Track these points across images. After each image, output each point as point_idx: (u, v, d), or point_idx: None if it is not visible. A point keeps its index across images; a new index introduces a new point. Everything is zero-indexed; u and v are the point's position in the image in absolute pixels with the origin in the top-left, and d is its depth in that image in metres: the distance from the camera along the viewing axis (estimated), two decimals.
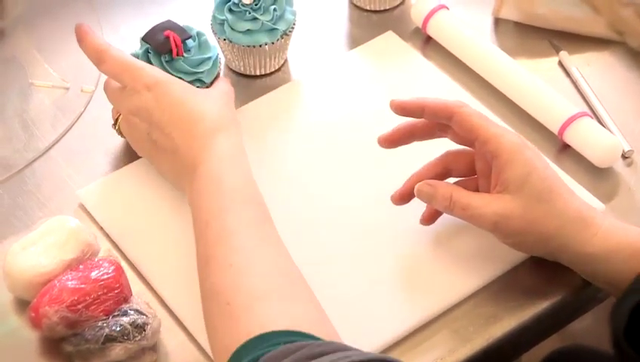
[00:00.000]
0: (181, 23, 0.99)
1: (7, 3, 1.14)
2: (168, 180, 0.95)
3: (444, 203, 0.88)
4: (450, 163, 0.92)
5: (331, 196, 0.97)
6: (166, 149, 0.91)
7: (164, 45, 0.97)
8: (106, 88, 0.97)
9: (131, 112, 0.93)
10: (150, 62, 0.98)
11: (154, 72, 0.93)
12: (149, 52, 0.99)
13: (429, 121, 0.91)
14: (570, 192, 0.87)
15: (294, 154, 1.01)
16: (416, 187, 0.89)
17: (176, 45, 0.97)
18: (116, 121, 0.98)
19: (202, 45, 1.00)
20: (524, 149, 0.86)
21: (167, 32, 0.98)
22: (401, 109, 0.91)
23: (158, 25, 0.99)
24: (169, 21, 0.99)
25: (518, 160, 0.85)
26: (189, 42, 0.99)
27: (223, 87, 0.97)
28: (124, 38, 1.12)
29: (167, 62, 0.98)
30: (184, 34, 0.98)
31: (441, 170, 0.92)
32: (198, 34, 1.00)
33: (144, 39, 0.98)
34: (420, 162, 0.93)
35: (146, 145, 0.94)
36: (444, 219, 0.93)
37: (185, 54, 0.98)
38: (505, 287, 0.91)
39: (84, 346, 0.84)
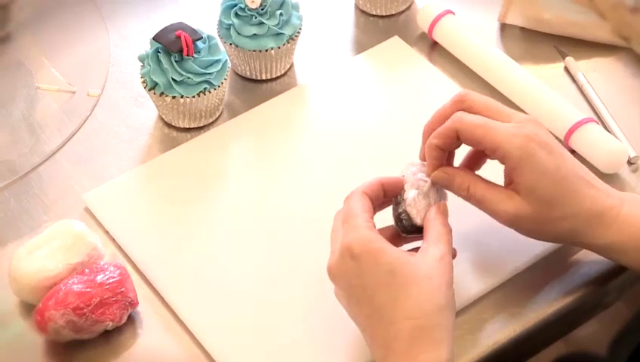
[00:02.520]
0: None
1: (13, 8, 1.14)
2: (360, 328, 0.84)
3: (462, 193, 0.87)
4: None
5: (337, 199, 0.97)
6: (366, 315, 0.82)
7: (175, 44, 0.98)
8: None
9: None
10: (160, 62, 0.99)
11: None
12: (158, 52, 0.99)
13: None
14: (584, 185, 0.85)
15: (300, 158, 1.01)
16: (432, 175, 0.87)
17: (187, 45, 0.98)
18: None
19: (212, 48, 1.01)
20: (533, 152, 0.84)
21: (178, 32, 0.98)
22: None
23: (169, 25, 1.00)
24: (180, 23, 1.00)
25: (526, 166, 0.84)
26: (200, 44, 1.00)
27: (437, 253, 0.82)
28: (130, 43, 1.12)
29: (176, 61, 0.99)
30: (195, 34, 0.99)
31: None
32: (209, 37, 1.01)
33: (155, 39, 0.99)
34: None
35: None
36: None
37: (195, 55, 0.99)
38: (509, 293, 0.91)
39: None
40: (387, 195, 0.87)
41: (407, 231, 0.86)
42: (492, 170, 0.88)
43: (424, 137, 0.89)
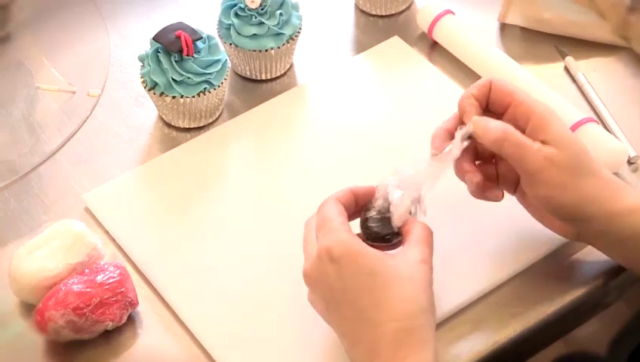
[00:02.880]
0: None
1: (14, 8, 1.14)
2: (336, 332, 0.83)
3: (497, 133, 0.85)
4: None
5: None
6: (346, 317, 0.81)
7: (175, 44, 0.98)
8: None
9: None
10: (160, 62, 0.99)
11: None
12: (158, 52, 0.99)
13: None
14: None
15: (300, 158, 1.01)
16: (473, 119, 0.86)
17: (186, 45, 0.98)
18: None
19: (212, 48, 1.01)
20: (556, 113, 0.86)
21: (178, 32, 0.98)
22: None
23: (169, 25, 1.00)
24: (180, 23, 1.00)
25: (556, 120, 0.85)
26: (200, 44, 1.00)
27: (417, 255, 0.82)
28: (130, 43, 1.12)
29: (176, 61, 0.99)
30: (195, 34, 0.99)
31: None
32: (209, 37, 1.01)
33: (155, 39, 0.99)
34: None
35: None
36: (448, 224, 0.93)
37: (195, 55, 0.99)
38: (509, 293, 0.91)
39: None
40: (359, 204, 0.86)
41: (372, 237, 0.85)
42: None
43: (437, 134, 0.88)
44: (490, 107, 0.88)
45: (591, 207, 0.85)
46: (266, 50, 1.05)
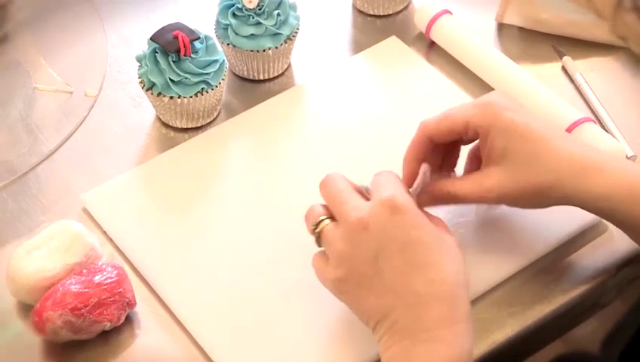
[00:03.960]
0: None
1: (11, 8, 1.14)
2: (366, 317, 0.82)
3: (444, 196, 0.87)
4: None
5: None
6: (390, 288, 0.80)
7: (173, 44, 0.98)
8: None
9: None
10: (157, 62, 0.99)
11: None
12: (156, 52, 0.99)
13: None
14: (559, 138, 0.85)
15: (298, 158, 1.01)
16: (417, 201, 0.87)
17: (184, 45, 0.98)
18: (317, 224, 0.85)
19: (210, 48, 1.01)
20: (499, 114, 0.85)
21: (175, 32, 0.98)
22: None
23: (167, 25, 1.00)
24: (178, 23, 1.00)
25: (494, 130, 0.84)
26: (197, 44, 1.00)
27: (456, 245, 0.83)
28: (128, 43, 1.12)
29: (174, 62, 0.99)
30: (193, 35, 0.99)
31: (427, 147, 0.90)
32: (206, 37, 1.01)
33: (152, 39, 0.99)
34: None
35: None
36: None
37: (192, 55, 0.99)
38: (507, 293, 0.91)
39: None
40: None
41: None
42: None
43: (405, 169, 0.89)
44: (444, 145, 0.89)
45: (561, 198, 0.84)
46: (264, 51, 1.05)
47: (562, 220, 0.93)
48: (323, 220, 0.83)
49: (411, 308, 0.78)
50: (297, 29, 1.06)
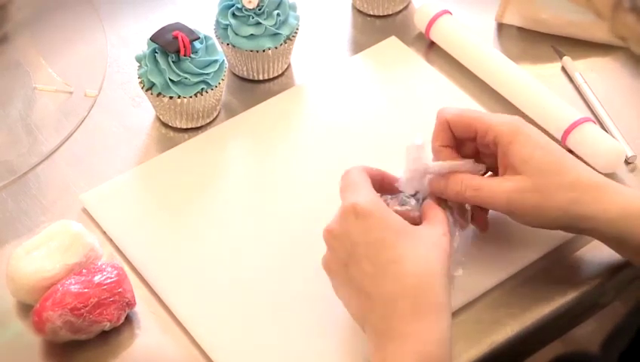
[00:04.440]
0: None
1: (11, 8, 1.14)
2: (354, 319, 0.83)
3: (456, 187, 0.86)
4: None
5: (334, 199, 0.97)
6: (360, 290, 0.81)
7: (172, 44, 0.98)
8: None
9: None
10: (157, 62, 0.99)
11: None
12: (156, 52, 0.99)
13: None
14: (579, 164, 0.87)
15: (298, 158, 1.01)
16: (429, 181, 0.87)
17: (184, 45, 0.98)
18: None
19: (209, 48, 1.01)
20: (523, 128, 0.86)
21: (175, 33, 0.98)
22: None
23: (166, 26, 1.00)
24: (178, 23, 1.00)
25: (519, 140, 0.85)
26: (197, 44, 1.00)
27: (440, 229, 0.83)
28: (127, 43, 1.12)
29: (174, 62, 0.99)
30: (192, 35, 0.99)
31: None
32: (206, 37, 1.01)
33: (152, 39, 0.99)
34: None
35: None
36: None
37: (192, 55, 0.99)
38: (507, 293, 0.91)
39: None
40: (383, 187, 0.87)
41: None
42: None
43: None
44: (459, 139, 0.90)
45: (574, 213, 0.85)
46: (264, 51, 1.05)
47: None
48: None
49: (383, 308, 0.79)
50: (297, 29, 1.06)
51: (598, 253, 0.91)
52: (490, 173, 0.91)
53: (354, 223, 0.81)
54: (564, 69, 1.09)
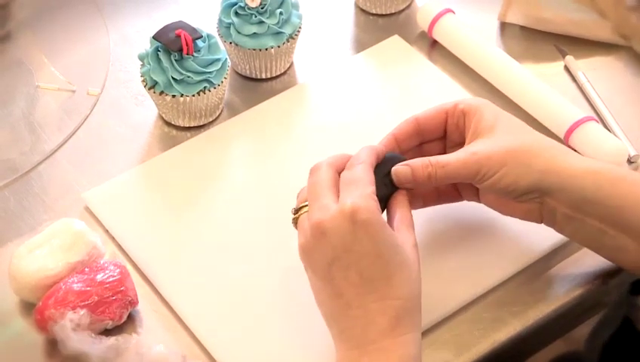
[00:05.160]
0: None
1: (14, 6, 1.14)
2: (321, 311, 0.83)
3: (425, 170, 0.85)
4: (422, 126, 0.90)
5: None
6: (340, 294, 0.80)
7: (175, 43, 0.98)
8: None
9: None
10: (160, 61, 0.99)
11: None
12: (158, 50, 0.99)
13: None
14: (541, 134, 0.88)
15: (300, 157, 1.01)
16: (393, 170, 0.86)
17: (186, 43, 0.98)
18: (298, 210, 0.85)
19: (212, 47, 1.01)
20: (489, 103, 0.88)
21: (178, 31, 0.98)
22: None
23: (169, 24, 1.00)
24: (180, 21, 1.00)
25: (487, 108, 0.87)
26: (200, 43, 1.00)
27: (411, 239, 0.83)
28: (130, 41, 1.12)
29: (176, 60, 0.99)
30: (195, 33, 0.99)
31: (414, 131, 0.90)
32: (209, 36, 1.01)
33: (155, 37, 0.99)
34: None
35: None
36: (448, 223, 0.93)
37: (195, 54, 0.99)
38: (509, 292, 0.91)
39: None
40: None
41: None
42: None
43: None
44: (431, 136, 0.90)
45: (539, 167, 0.84)
46: (266, 49, 1.05)
47: None
48: (304, 206, 0.84)
49: (360, 319, 0.79)
50: (300, 27, 1.06)
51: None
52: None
53: (350, 228, 0.79)
54: (566, 68, 1.09)
